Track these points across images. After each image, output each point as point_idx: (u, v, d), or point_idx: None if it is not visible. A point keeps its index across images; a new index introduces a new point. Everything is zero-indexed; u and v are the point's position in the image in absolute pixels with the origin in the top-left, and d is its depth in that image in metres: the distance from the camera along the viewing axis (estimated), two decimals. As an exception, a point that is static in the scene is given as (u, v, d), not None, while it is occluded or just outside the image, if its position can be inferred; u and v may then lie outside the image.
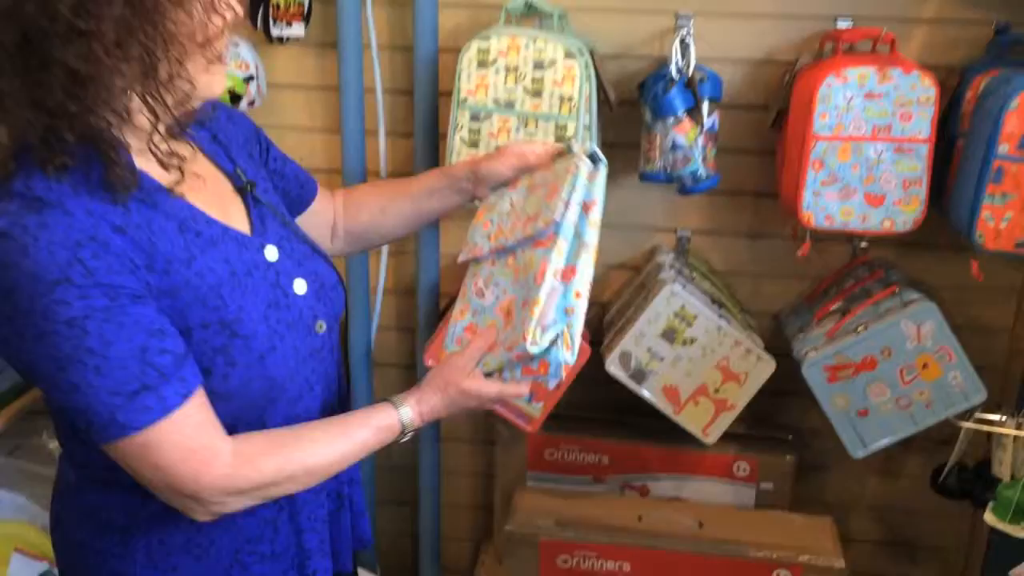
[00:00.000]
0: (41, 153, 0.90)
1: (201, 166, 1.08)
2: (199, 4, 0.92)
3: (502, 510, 1.92)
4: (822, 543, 1.71)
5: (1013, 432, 1.58)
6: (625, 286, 1.95)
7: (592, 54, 1.62)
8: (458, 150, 1.60)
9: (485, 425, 2.09)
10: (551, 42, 1.55)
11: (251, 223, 1.09)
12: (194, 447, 0.94)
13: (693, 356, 1.69)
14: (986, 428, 1.60)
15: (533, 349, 1.07)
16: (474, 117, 1.58)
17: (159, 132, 0.94)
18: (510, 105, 1.56)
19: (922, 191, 1.56)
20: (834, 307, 1.74)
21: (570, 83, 1.54)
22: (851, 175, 1.56)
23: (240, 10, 0.97)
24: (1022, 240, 1.51)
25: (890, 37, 1.58)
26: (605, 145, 1.76)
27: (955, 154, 1.61)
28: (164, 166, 0.97)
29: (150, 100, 0.91)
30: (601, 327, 1.90)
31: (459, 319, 1.23)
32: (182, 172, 0.99)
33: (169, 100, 0.93)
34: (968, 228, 1.52)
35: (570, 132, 1.56)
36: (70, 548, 1.10)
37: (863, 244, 1.81)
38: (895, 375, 1.62)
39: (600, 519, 1.76)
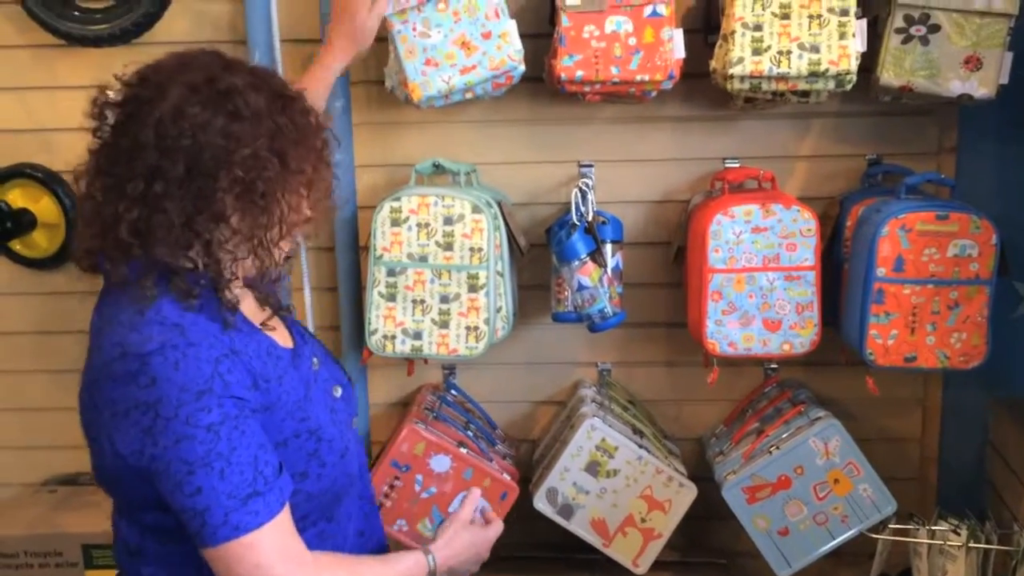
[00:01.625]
0: (179, 284, 1.03)
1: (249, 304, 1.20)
2: (315, 193, 1.11)
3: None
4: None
5: (926, 541, 1.63)
6: (552, 421, 2.00)
7: (500, 205, 1.73)
8: (377, 303, 1.68)
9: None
10: (459, 198, 1.65)
11: (293, 338, 1.20)
12: (289, 551, 1.04)
13: (617, 487, 1.74)
14: (899, 539, 1.65)
15: None
16: (390, 272, 1.66)
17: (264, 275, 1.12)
18: (423, 259, 1.65)
19: (815, 314, 1.67)
20: (750, 428, 1.81)
21: (479, 235, 1.64)
22: (748, 303, 1.66)
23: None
24: (910, 355, 1.61)
25: (770, 175, 1.72)
26: (521, 287, 1.86)
27: (843, 278, 1.73)
28: (260, 303, 1.17)
29: (261, 251, 1.06)
30: (531, 463, 1.94)
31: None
32: (271, 311, 1.17)
33: (276, 254, 1.08)
34: (859, 347, 1.62)
35: (482, 280, 1.65)
36: None
37: (773, 365, 1.90)
38: (809, 492, 1.68)
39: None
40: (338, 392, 1.22)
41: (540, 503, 1.74)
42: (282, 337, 1.17)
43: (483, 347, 1.67)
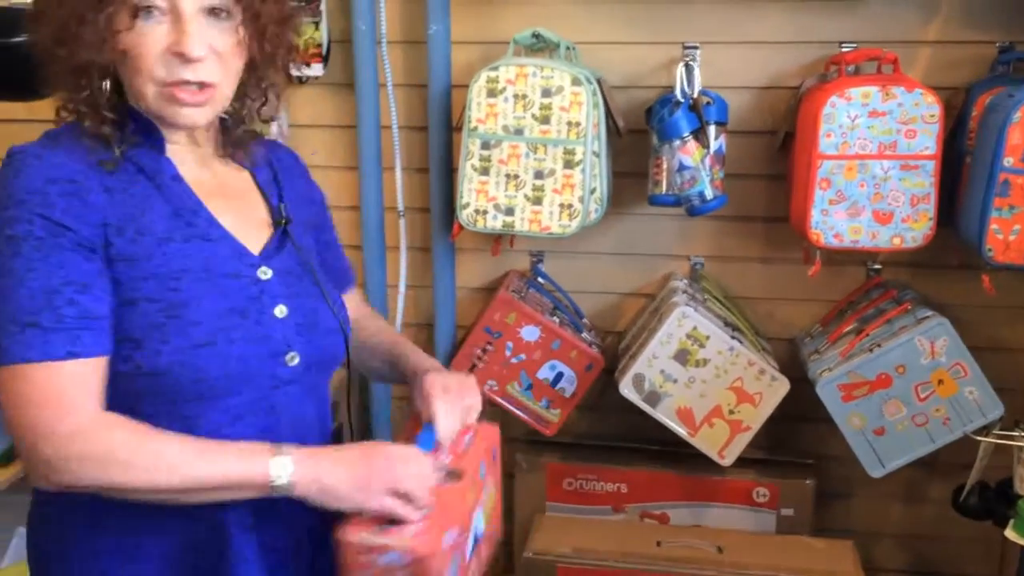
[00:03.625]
0: (90, 115, 1.03)
1: (243, 187, 1.17)
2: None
3: (521, 541, 1.91)
4: (844, 567, 1.68)
5: (1033, 447, 1.56)
6: (639, 313, 1.96)
7: (600, 83, 1.66)
8: (469, 177, 1.64)
9: (504, 457, 2.08)
10: (558, 70, 1.59)
11: (264, 247, 1.13)
12: (58, 397, 0.95)
13: (706, 378, 1.70)
14: (1005, 443, 1.58)
15: None
16: (484, 145, 1.62)
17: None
18: (519, 132, 1.60)
19: (930, 207, 1.57)
20: (848, 328, 1.74)
21: (577, 109, 1.58)
22: (858, 193, 1.58)
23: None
24: (1032, 253, 1.51)
25: (892, 57, 1.61)
26: (615, 174, 1.80)
27: (964, 171, 1.62)
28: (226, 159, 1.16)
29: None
30: (617, 354, 1.91)
31: None
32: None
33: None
34: (978, 242, 1.52)
35: (578, 157, 1.59)
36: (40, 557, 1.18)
37: (876, 265, 1.81)
38: (910, 392, 1.61)
39: (618, 546, 1.75)
40: (280, 311, 1.09)
41: (626, 389, 1.71)
42: (235, 224, 1.10)
43: (576, 226, 1.63)
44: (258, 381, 1.08)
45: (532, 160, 1.61)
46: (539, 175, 1.61)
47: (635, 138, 1.80)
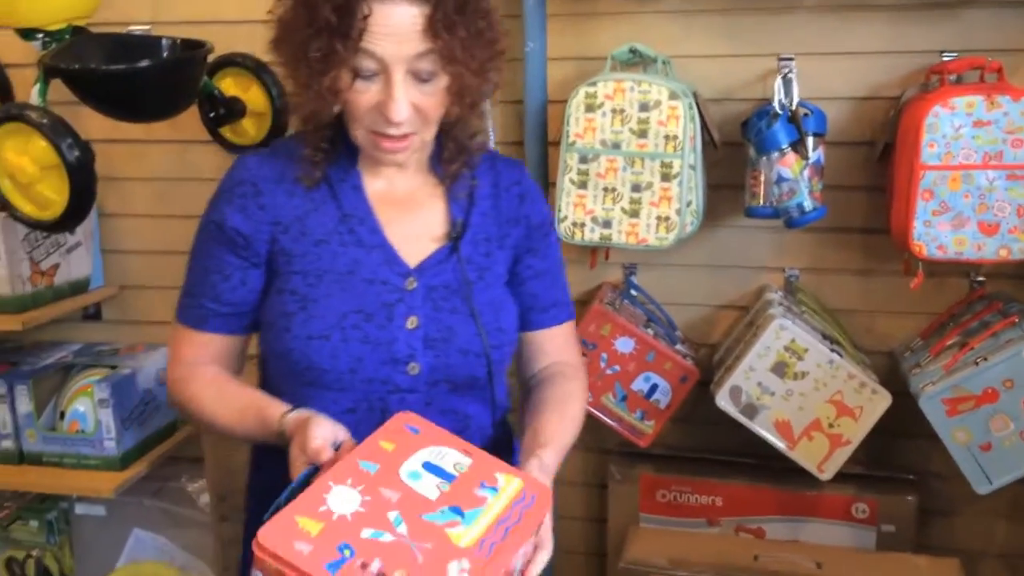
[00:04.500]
0: (310, 135, 1.18)
1: (428, 200, 1.22)
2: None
3: (615, 552, 1.92)
4: (949, 585, 1.65)
5: None
6: (733, 326, 1.96)
7: (695, 96, 1.68)
8: (567, 190, 1.67)
9: (597, 467, 2.11)
10: (655, 84, 1.61)
11: (424, 259, 1.18)
12: (178, 352, 1.21)
13: (805, 390, 1.68)
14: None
15: None
16: (582, 159, 1.65)
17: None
18: (617, 146, 1.63)
19: (1039, 218, 1.54)
20: (951, 341, 1.71)
21: (675, 123, 1.60)
22: (963, 204, 1.55)
23: None
24: None
25: (997, 65, 1.58)
26: (710, 187, 1.81)
27: (1072, 181, 1.58)
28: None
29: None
30: (711, 366, 1.91)
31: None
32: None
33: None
34: (1089, 253, 1.49)
35: (675, 170, 1.61)
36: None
37: (979, 277, 1.78)
38: (1018, 407, 1.58)
39: (715, 558, 1.74)
40: (412, 322, 1.15)
41: (723, 401, 1.71)
42: (400, 234, 1.18)
43: (673, 238, 1.64)
44: (374, 382, 1.14)
45: (629, 173, 1.63)
46: (636, 188, 1.63)
47: (729, 151, 1.81)
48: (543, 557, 1.03)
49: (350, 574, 0.88)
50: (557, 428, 1.19)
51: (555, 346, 1.31)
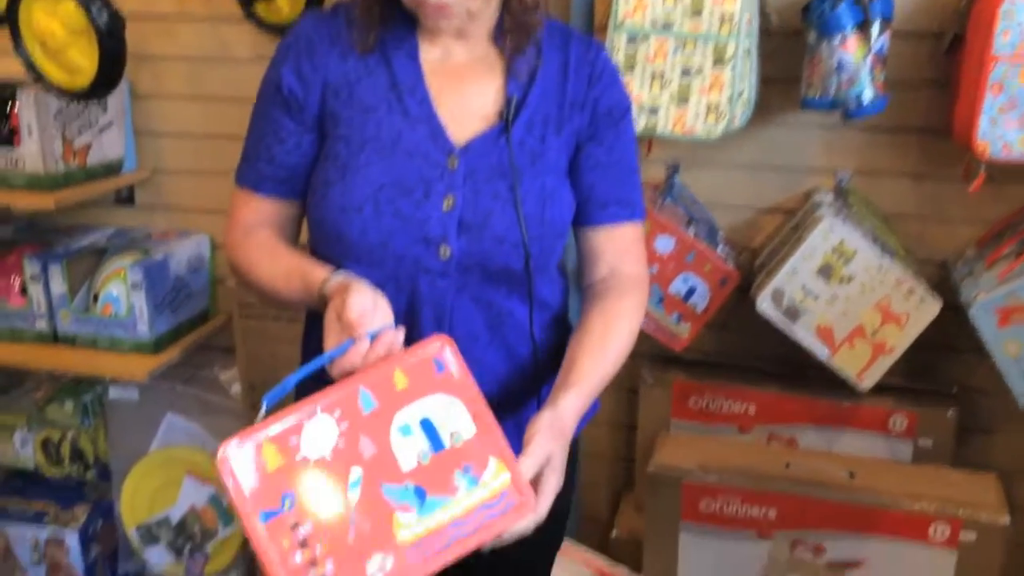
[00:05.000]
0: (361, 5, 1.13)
1: (487, 75, 1.14)
2: None
3: (643, 457, 1.90)
4: (985, 498, 1.60)
5: None
6: (777, 230, 1.89)
7: (753, -24, 1.58)
8: (615, 75, 1.60)
9: (628, 373, 2.07)
10: (711, -38, 1.52)
11: (473, 138, 1.11)
12: (235, 213, 1.20)
13: (850, 295, 1.62)
14: None
15: None
16: (631, 39, 1.57)
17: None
18: (668, 26, 1.54)
19: (1115, 117, 1.44)
20: (1007, 250, 1.63)
21: (731, 1, 1.51)
22: (1033, 100, 1.46)
23: None
24: None
25: (1082, -50, 1.46)
26: (762, 80, 1.72)
27: None
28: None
29: None
30: (751, 271, 1.85)
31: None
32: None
33: None
34: None
35: (729, 53, 1.52)
36: None
37: (1043, 184, 1.69)
38: (1077, 317, 1.51)
39: (746, 465, 1.71)
40: (448, 203, 1.09)
41: (764, 304, 1.66)
42: (448, 108, 1.12)
43: (721, 130, 1.56)
44: (404, 260, 1.10)
45: (680, 56, 1.54)
46: (686, 73, 1.55)
47: (785, 41, 1.71)
48: (524, 523, 0.96)
49: (278, 530, 0.87)
50: (591, 366, 1.11)
51: (614, 250, 1.20)
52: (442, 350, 0.99)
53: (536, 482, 0.99)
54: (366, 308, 0.96)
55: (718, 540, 1.70)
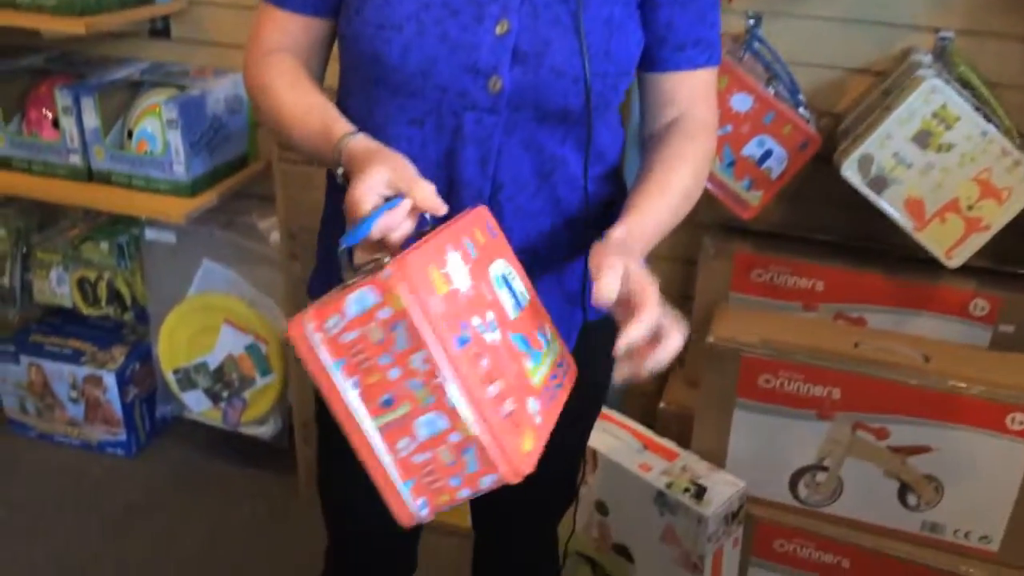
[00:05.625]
0: None
1: None
2: None
3: (698, 331, 1.80)
4: (1072, 391, 1.50)
5: None
6: (865, 94, 1.73)
7: None
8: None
9: (686, 242, 1.96)
10: None
11: None
12: (258, 31, 1.06)
13: (948, 165, 1.48)
14: None
15: None
16: None
17: None
18: None
19: None
20: None
21: None
22: None
23: None
24: None
25: None
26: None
27: None
28: None
29: None
30: (832, 137, 1.71)
31: None
32: None
33: None
34: None
35: None
36: None
37: None
38: None
39: (811, 342, 1.61)
40: (501, 27, 0.95)
41: (849, 171, 1.52)
42: None
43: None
44: (448, 92, 0.97)
45: None
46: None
47: None
48: (672, 344, 0.85)
49: (466, 360, 0.75)
50: (653, 203, 0.99)
51: (687, 96, 1.07)
52: (488, 217, 0.92)
53: (633, 303, 0.85)
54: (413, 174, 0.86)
55: (774, 418, 1.62)
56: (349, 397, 0.75)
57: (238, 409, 2.18)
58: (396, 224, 0.83)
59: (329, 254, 1.13)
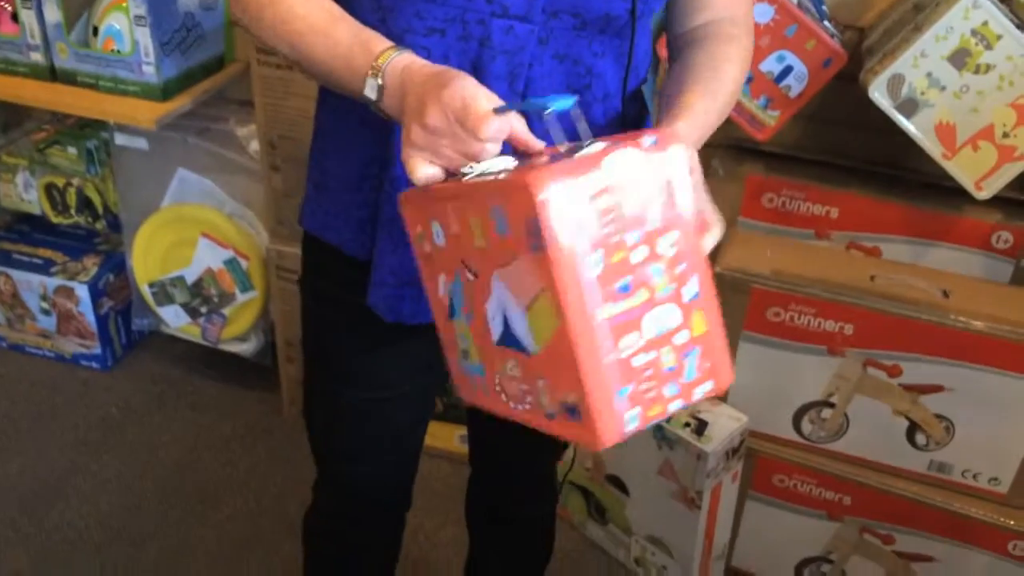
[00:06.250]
0: None
1: None
2: None
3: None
4: (1097, 332, 1.43)
5: None
6: (893, 6, 1.59)
7: None
8: None
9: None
10: None
11: None
12: None
13: (985, 88, 1.36)
14: None
15: None
16: None
17: None
18: None
19: None
20: None
21: None
22: None
23: None
24: None
25: None
26: None
27: None
28: None
29: None
30: (859, 54, 1.58)
31: None
32: None
33: None
34: None
35: None
36: None
37: None
38: None
39: (824, 274, 1.52)
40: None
41: (877, 92, 1.40)
42: None
43: None
44: None
45: None
46: None
47: None
48: (715, 233, 0.81)
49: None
50: (704, 104, 0.89)
51: (725, 3, 0.98)
52: None
53: None
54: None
55: (782, 352, 1.55)
56: (587, 276, 0.63)
57: (218, 325, 2.09)
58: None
59: (326, 177, 1.01)
